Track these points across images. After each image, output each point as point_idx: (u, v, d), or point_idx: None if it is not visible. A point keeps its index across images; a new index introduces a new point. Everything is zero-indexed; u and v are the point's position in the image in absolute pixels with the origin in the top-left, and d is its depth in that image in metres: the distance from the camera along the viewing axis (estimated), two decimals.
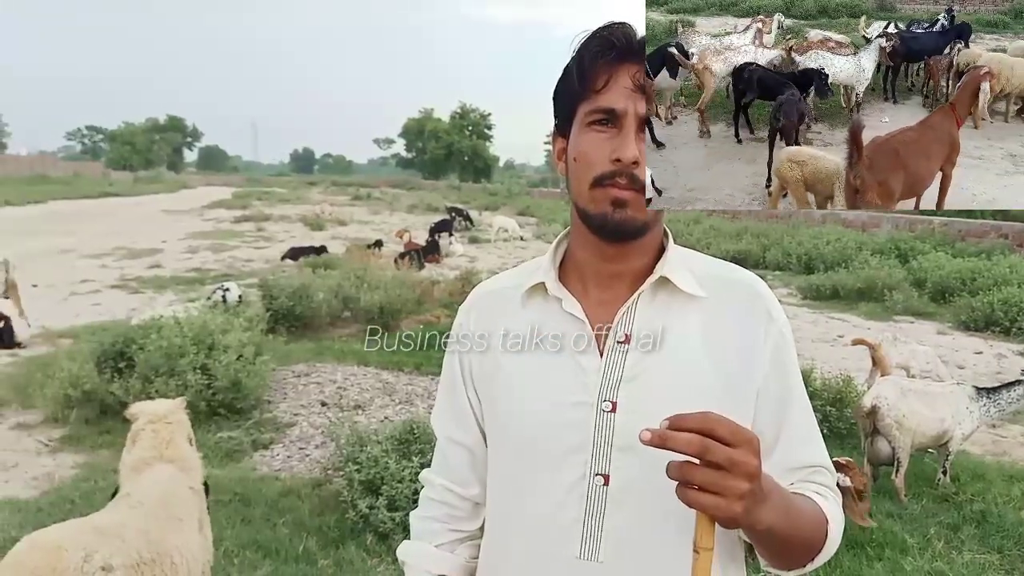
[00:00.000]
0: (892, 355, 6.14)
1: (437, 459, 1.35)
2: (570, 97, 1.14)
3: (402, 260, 13.71)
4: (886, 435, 4.78)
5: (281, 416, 6.15)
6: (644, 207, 1.09)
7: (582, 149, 1.11)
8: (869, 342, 6.10)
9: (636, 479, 1.10)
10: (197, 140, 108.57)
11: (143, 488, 2.62)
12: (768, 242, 17.75)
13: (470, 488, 1.30)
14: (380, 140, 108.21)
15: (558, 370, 1.16)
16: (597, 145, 1.09)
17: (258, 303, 9.01)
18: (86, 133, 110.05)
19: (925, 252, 15.16)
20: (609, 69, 1.09)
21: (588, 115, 1.11)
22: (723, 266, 1.23)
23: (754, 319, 1.15)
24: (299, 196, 44.04)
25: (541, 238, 22.77)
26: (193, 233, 21.99)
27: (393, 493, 4.08)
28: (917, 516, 4.61)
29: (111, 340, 6.22)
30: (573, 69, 1.13)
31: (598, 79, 1.09)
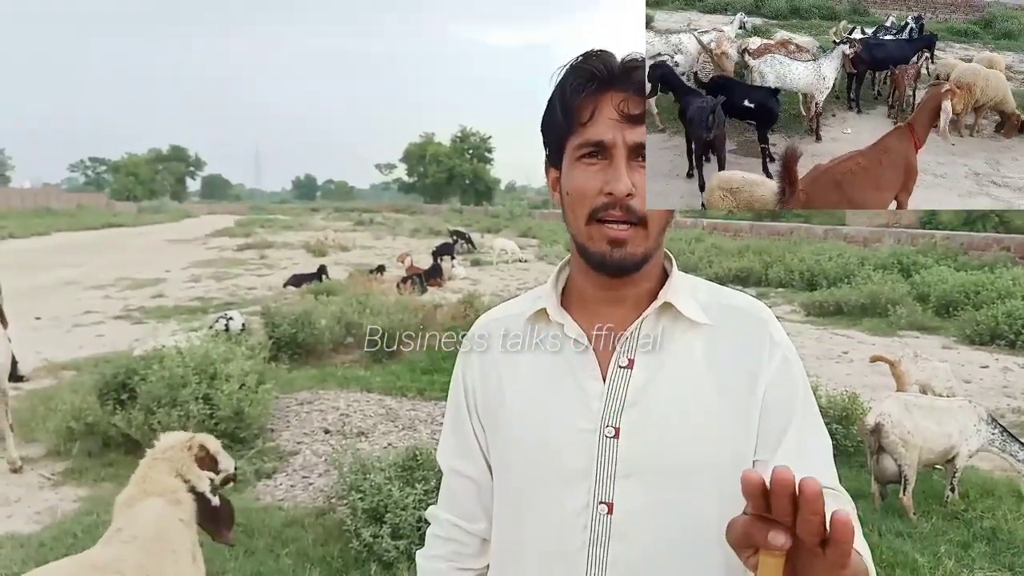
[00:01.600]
0: (913, 372, 6.09)
1: (443, 494, 1.33)
2: (557, 131, 1.14)
3: (404, 284, 13.72)
4: (892, 453, 4.74)
5: (284, 444, 6.12)
6: (644, 240, 1.09)
7: (575, 184, 1.10)
8: (888, 359, 6.07)
9: (640, 507, 1.09)
10: (200, 169, 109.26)
11: (135, 522, 2.62)
12: (770, 259, 17.72)
13: (477, 523, 1.28)
14: (381, 165, 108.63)
15: (561, 396, 1.15)
16: (588, 179, 1.08)
17: (260, 331, 9.00)
18: (89, 164, 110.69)
19: (928, 266, 15.13)
20: (593, 101, 1.08)
21: (577, 149, 1.10)
22: (728, 294, 1.22)
23: (757, 345, 1.14)
24: (302, 223, 44.24)
25: (543, 259, 22.81)
26: (196, 262, 22.05)
27: (397, 521, 4.05)
28: (927, 534, 4.56)
29: (113, 371, 6.21)
30: (557, 104, 1.13)
31: (583, 112, 1.09)
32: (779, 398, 1.12)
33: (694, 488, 1.09)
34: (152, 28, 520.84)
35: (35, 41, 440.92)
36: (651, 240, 1.10)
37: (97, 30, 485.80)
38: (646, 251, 1.10)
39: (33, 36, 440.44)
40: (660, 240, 1.14)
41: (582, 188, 1.09)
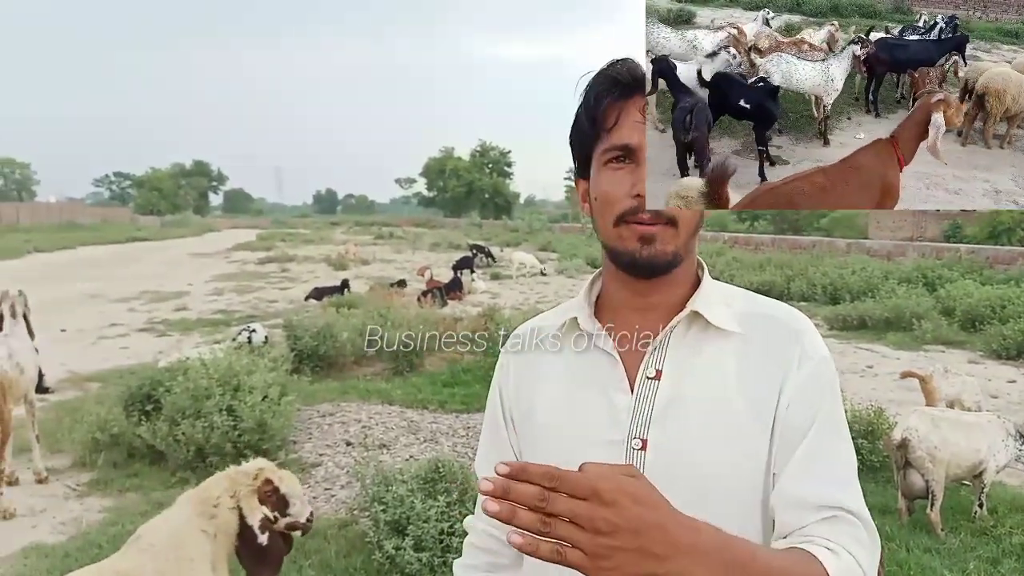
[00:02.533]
0: (943, 387, 6.03)
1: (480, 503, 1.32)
2: (584, 140, 1.15)
3: (424, 298, 13.75)
4: (919, 468, 4.68)
5: (306, 456, 6.14)
6: (673, 239, 1.08)
7: (602, 188, 1.11)
8: (919, 374, 6.01)
9: None
10: (222, 184, 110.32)
11: (154, 530, 2.64)
12: (792, 273, 17.61)
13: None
14: (401, 180, 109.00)
15: (589, 407, 1.15)
16: (616, 182, 1.09)
17: (283, 343, 9.05)
18: (114, 180, 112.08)
19: (953, 280, 14.98)
20: (618, 106, 1.09)
21: (604, 154, 1.11)
22: (765, 303, 1.19)
23: (786, 356, 1.11)
24: (322, 236, 44.50)
25: (563, 273, 22.80)
26: (218, 275, 22.24)
27: (419, 533, 4.04)
28: (955, 550, 4.49)
29: (138, 383, 6.27)
30: (583, 112, 1.14)
31: (608, 118, 1.10)
32: (800, 412, 1.08)
33: (720, 501, 1.07)
34: (175, 44, 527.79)
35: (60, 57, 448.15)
36: (681, 239, 1.09)
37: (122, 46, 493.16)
38: (676, 250, 1.09)
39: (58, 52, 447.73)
40: (691, 243, 1.13)
41: (609, 192, 1.09)
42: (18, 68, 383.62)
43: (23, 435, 5.81)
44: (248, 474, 2.87)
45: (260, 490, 2.85)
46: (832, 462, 1.08)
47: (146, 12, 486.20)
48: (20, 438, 5.82)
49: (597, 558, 0.76)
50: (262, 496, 2.85)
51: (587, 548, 0.75)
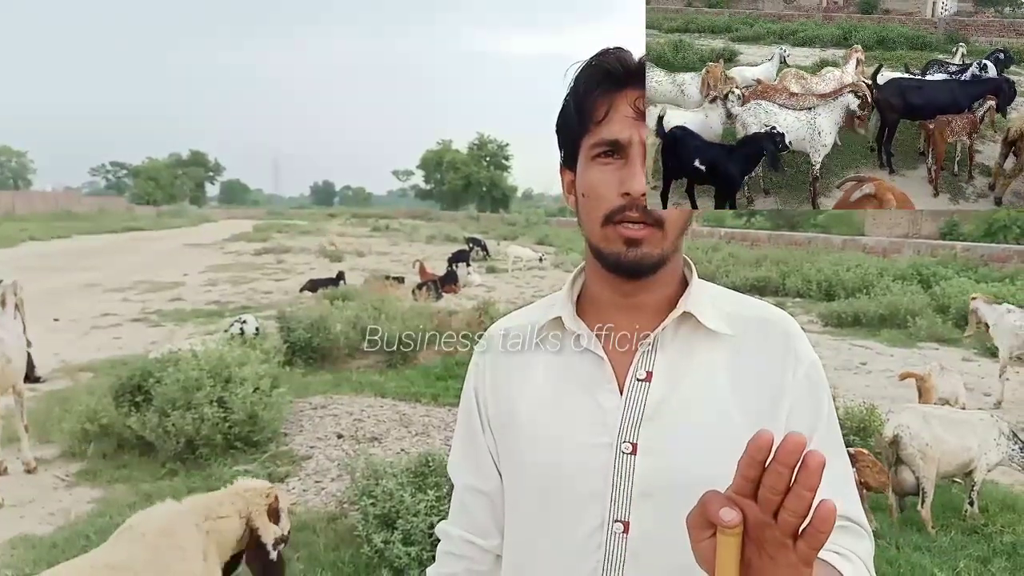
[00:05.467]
0: (941, 386, 6.04)
1: (455, 509, 1.27)
2: (571, 131, 1.10)
3: (420, 291, 13.73)
4: (910, 465, 4.67)
5: (297, 449, 6.12)
6: (660, 241, 1.05)
7: (590, 184, 1.07)
8: (918, 374, 6.02)
9: (657, 527, 1.05)
10: (219, 174, 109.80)
11: (145, 519, 2.63)
12: (787, 269, 17.58)
13: (491, 539, 1.23)
14: (399, 172, 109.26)
15: (576, 409, 1.11)
16: (604, 179, 1.05)
17: (276, 335, 9.02)
18: (110, 169, 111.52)
19: (948, 277, 14.97)
20: (608, 98, 1.05)
21: (592, 148, 1.06)
22: (752, 304, 1.17)
23: (782, 359, 1.09)
24: (319, 228, 44.40)
25: (559, 267, 22.78)
26: (214, 266, 22.19)
27: (408, 527, 4.03)
28: (946, 548, 4.48)
29: (129, 374, 6.24)
30: (571, 102, 1.10)
31: (598, 110, 1.05)
32: (802, 418, 1.07)
33: None
34: (172, 33, 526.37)
35: (56, 46, 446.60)
36: (668, 242, 1.06)
37: (118, 35, 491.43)
38: (663, 252, 1.06)
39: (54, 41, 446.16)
40: (678, 243, 1.09)
41: (598, 189, 1.05)
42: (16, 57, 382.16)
43: (12, 425, 5.78)
44: (261, 493, 2.92)
45: (270, 508, 2.92)
46: (835, 472, 1.06)
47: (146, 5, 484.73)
48: (9, 428, 5.79)
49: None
50: (269, 513, 2.92)
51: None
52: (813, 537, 0.70)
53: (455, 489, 1.28)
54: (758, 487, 0.70)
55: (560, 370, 1.15)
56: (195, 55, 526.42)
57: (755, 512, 0.72)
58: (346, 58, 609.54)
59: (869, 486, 4.49)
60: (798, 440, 0.68)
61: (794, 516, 0.69)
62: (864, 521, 1.09)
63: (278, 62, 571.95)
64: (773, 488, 0.69)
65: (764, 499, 0.70)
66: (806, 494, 0.68)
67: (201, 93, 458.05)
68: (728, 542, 0.71)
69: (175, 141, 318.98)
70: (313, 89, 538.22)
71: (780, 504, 0.70)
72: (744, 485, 0.71)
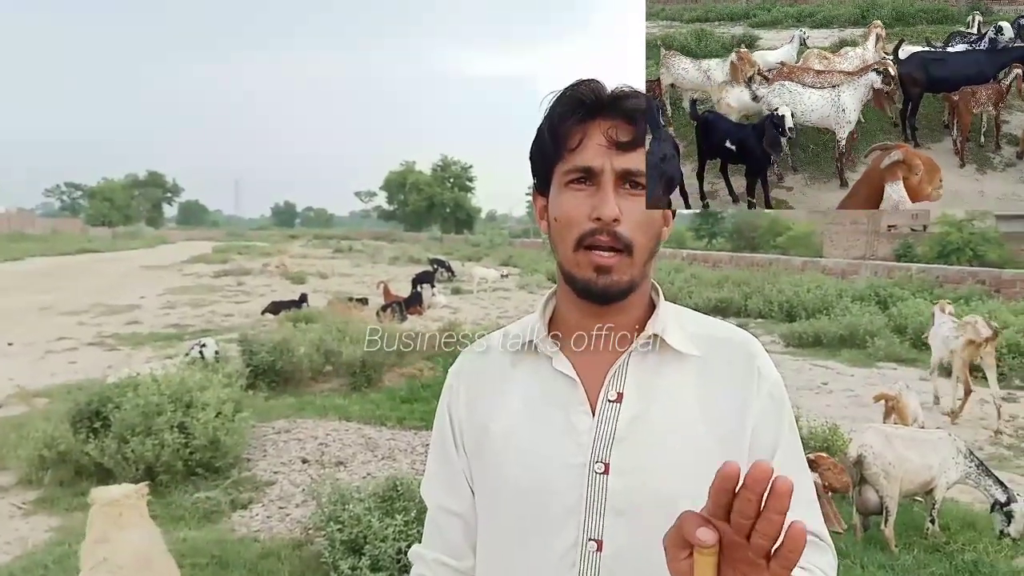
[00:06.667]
0: (911, 405, 6.18)
1: (429, 531, 1.27)
2: (545, 158, 1.14)
3: (384, 312, 13.64)
4: (873, 484, 4.74)
5: (261, 474, 6.02)
6: (629, 268, 1.08)
7: (562, 209, 1.10)
8: (890, 395, 6.14)
9: (629, 545, 1.06)
10: (177, 195, 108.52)
11: (120, 551, 2.57)
12: (749, 290, 17.83)
13: (465, 560, 1.23)
14: (361, 193, 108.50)
15: (549, 430, 1.12)
16: (576, 204, 1.08)
17: (238, 359, 8.89)
18: (64, 190, 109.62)
19: (904, 299, 15.27)
20: (582, 128, 1.08)
21: (565, 174, 1.10)
22: (716, 325, 1.21)
23: (746, 378, 1.13)
24: (280, 250, 43.99)
25: (524, 288, 22.83)
26: (172, 288, 21.83)
27: (376, 553, 3.98)
28: (909, 567, 4.54)
29: (86, 399, 6.10)
30: (545, 130, 1.13)
31: (571, 138, 1.09)
32: (765, 435, 1.11)
33: None
34: (131, 54, 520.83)
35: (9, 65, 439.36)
36: (636, 268, 1.09)
37: (75, 54, 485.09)
38: (632, 279, 1.09)
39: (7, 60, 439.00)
40: (646, 270, 1.13)
41: (570, 214, 1.08)
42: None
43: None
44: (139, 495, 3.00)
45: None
46: (799, 488, 1.07)
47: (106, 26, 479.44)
48: None
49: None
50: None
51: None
52: (785, 558, 0.72)
53: (428, 511, 1.28)
54: (730, 511, 0.72)
55: (533, 392, 1.16)
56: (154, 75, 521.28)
57: (729, 534, 0.73)
58: (309, 79, 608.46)
59: (834, 488, 4.54)
60: (765, 468, 0.70)
61: (766, 539, 0.71)
62: (827, 535, 1.12)
63: (238, 82, 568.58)
64: (744, 514, 0.71)
65: (736, 524, 0.72)
66: (776, 518, 0.70)
67: (160, 113, 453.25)
68: (705, 561, 0.73)
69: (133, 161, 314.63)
70: (274, 110, 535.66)
71: (752, 528, 0.71)
72: (717, 511, 0.73)
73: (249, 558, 4.51)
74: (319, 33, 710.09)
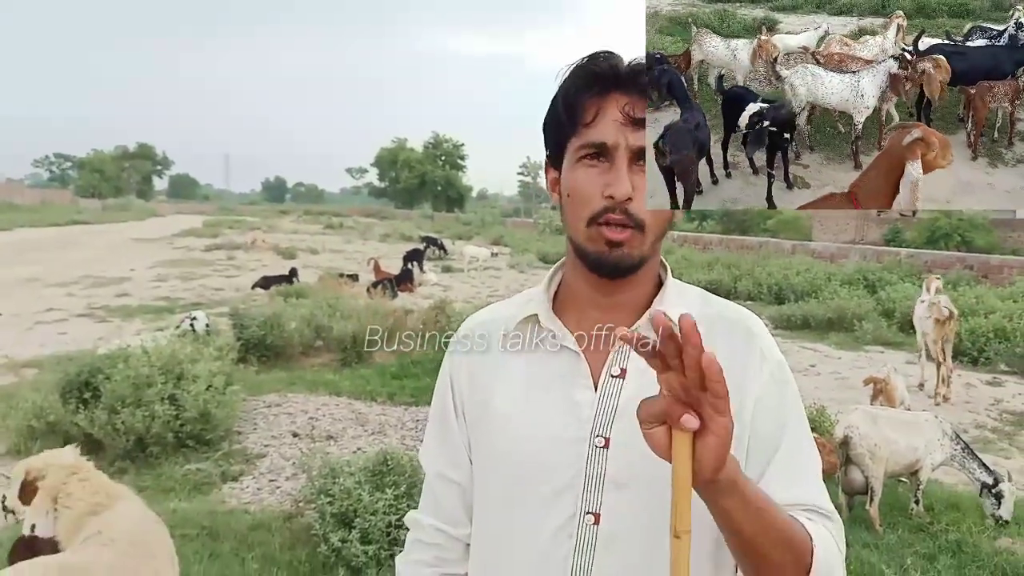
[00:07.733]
0: (900, 388, 6.24)
1: (426, 498, 1.28)
2: (559, 130, 1.12)
3: (374, 289, 13.63)
4: (859, 464, 4.79)
5: (251, 447, 6.04)
6: (640, 244, 1.08)
7: (575, 185, 1.09)
8: (880, 378, 6.19)
9: (627, 518, 1.07)
10: (167, 168, 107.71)
11: (113, 524, 2.56)
12: (739, 272, 17.89)
13: (461, 528, 1.24)
14: (353, 169, 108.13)
15: (550, 404, 1.13)
16: (590, 180, 1.07)
17: (228, 332, 8.88)
18: (54, 161, 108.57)
19: (892, 283, 15.36)
20: (597, 102, 1.07)
21: (578, 150, 1.08)
22: (720, 303, 1.21)
23: (747, 357, 1.12)
24: (271, 224, 43.86)
25: (514, 267, 22.83)
26: (162, 261, 21.74)
27: (366, 526, 4.00)
28: (893, 546, 4.61)
29: (76, 370, 6.08)
30: (560, 102, 1.11)
31: (586, 113, 1.07)
32: (768, 413, 1.11)
33: None
34: (122, 28, 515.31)
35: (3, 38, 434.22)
36: (647, 244, 1.09)
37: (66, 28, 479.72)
38: (642, 254, 1.09)
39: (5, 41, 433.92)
40: (656, 246, 1.13)
41: (583, 190, 1.08)
42: None
43: None
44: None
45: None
46: (807, 466, 1.12)
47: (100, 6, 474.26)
48: None
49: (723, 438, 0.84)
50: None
51: (718, 428, 0.84)
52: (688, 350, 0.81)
53: (426, 477, 1.29)
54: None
55: (536, 365, 1.16)
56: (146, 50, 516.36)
57: (681, 381, 0.83)
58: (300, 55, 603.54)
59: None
60: (688, 321, 0.81)
61: (692, 371, 0.81)
62: (831, 508, 1.12)
63: (231, 58, 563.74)
64: (672, 355, 0.82)
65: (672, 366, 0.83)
66: (691, 350, 0.80)
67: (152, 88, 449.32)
68: (684, 439, 0.84)
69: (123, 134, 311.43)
70: (265, 86, 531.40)
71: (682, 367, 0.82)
72: (659, 364, 0.84)
73: (239, 529, 4.53)
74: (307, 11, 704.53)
